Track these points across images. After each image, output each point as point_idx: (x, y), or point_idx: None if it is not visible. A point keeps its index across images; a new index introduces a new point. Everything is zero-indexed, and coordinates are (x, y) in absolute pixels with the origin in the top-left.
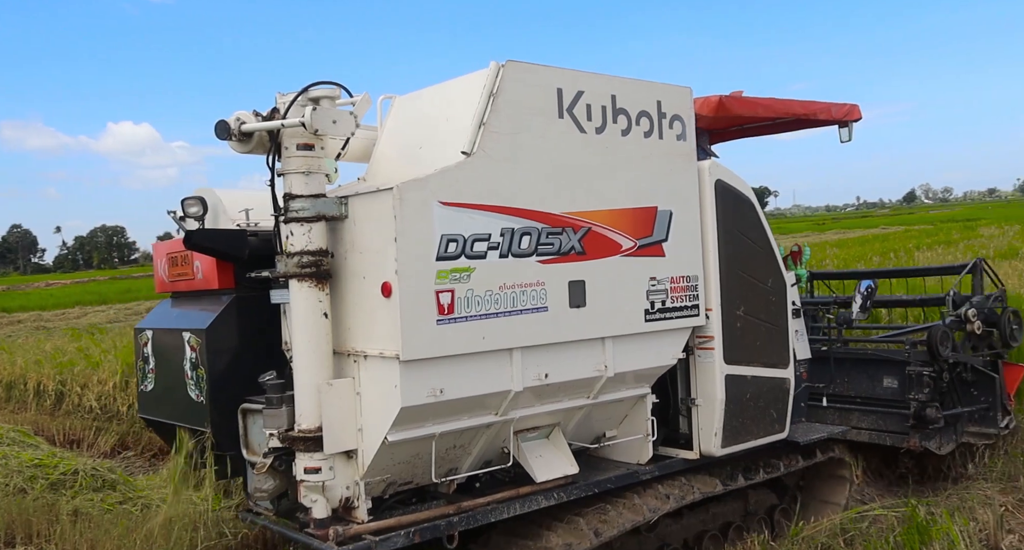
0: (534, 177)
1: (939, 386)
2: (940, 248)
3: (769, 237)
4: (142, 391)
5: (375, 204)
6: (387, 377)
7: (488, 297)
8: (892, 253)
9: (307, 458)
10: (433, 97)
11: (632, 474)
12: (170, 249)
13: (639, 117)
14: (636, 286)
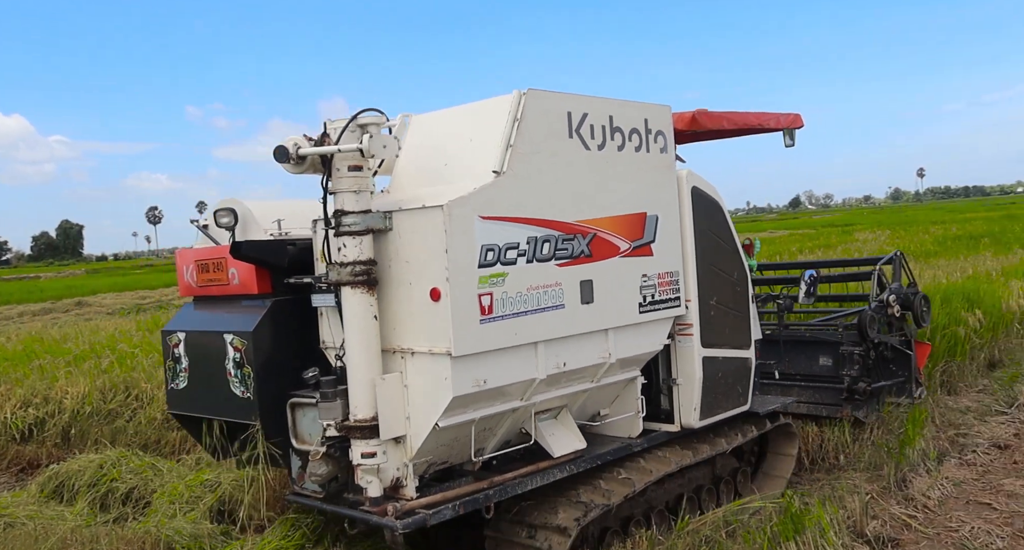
0: (551, 191)
1: (866, 363)
2: (820, 251)
3: (734, 235)
4: (172, 389)
5: (423, 219)
6: (437, 370)
7: (519, 298)
8: (778, 255)
9: (363, 444)
10: (455, 118)
11: (627, 447)
12: (198, 256)
13: (631, 134)
14: (632, 282)
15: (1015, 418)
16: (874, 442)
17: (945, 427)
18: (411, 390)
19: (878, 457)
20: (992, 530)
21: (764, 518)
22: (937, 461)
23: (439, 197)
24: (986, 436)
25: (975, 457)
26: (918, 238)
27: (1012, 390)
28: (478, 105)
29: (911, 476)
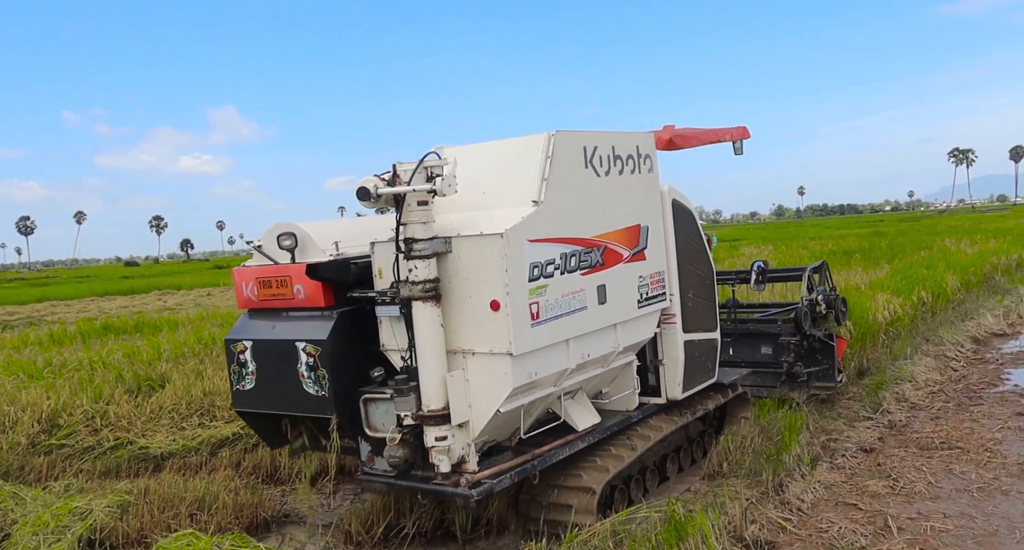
0: (574, 213)
1: (800, 352)
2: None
3: (703, 237)
4: (239, 390)
5: (483, 243)
6: (498, 367)
7: (556, 304)
8: None
9: (436, 430)
10: (485, 152)
11: (628, 418)
12: (260, 274)
13: (627, 159)
14: (632, 283)
15: (879, 423)
16: (755, 449)
17: (818, 433)
18: (472, 384)
19: (758, 464)
20: (857, 529)
21: (650, 527)
22: (811, 466)
23: (493, 225)
24: (854, 441)
25: (844, 461)
26: (798, 253)
27: (877, 397)
28: (508, 142)
29: (787, 481)
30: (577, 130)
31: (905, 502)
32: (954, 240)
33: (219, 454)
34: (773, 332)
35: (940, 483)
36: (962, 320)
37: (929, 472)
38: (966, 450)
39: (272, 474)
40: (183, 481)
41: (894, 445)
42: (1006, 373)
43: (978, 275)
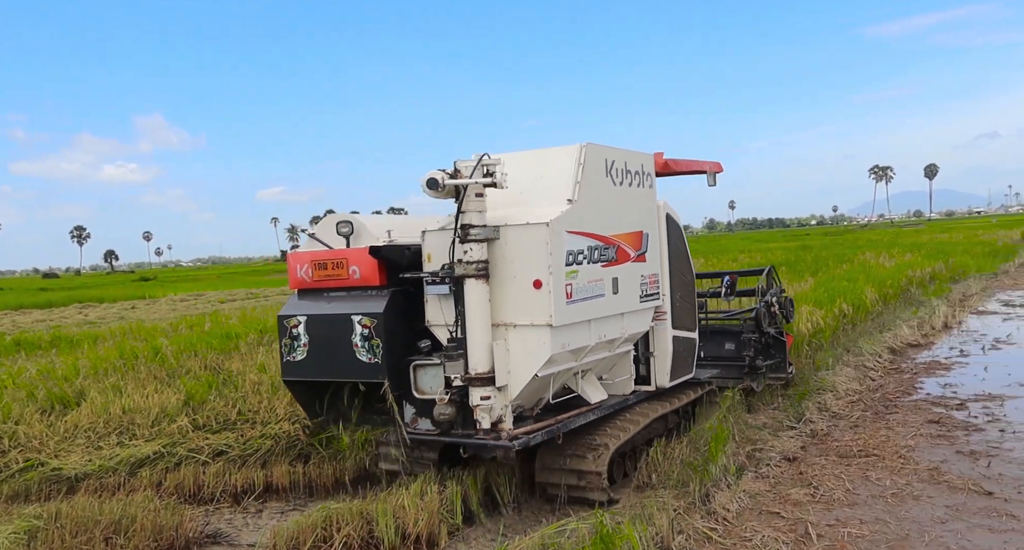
0: (597, 213)
1: (759, 347)
2: None
3: (687, 247)
4: (289, 361)
5: (530, 231)
6: (538, 337)
7: (584, 288)
8: None
9: (481, 390)
10: (522, 159)
11: (626, 400)
12: (315, 257)
13: (635, 174)
14: (636, 280)
15: (802, 432)
16: (683, 460)
17: (744, 443)
18: (512, 352)
19: (685, 474)
20: (779, 537)
21: (579, 540)
22: (736, 475)
23: (538, 216)
24: (778, 450)
25: (768, 470)
26: (728, 266)
27: (800, 407)
28: (544, 151)
29: (714, 491)
30: (601, 144)
31: (824, 509)
32: (874, 254)
33: (139, 474)
34: (736, 330)
35: (857, 490)
36: (880, 331)
37: (847, 479)
38: (882, 457)
39: (195, 493)
40: (98, 503)
41: (815, 454)
42: (919, 382)
43: (895, 288)
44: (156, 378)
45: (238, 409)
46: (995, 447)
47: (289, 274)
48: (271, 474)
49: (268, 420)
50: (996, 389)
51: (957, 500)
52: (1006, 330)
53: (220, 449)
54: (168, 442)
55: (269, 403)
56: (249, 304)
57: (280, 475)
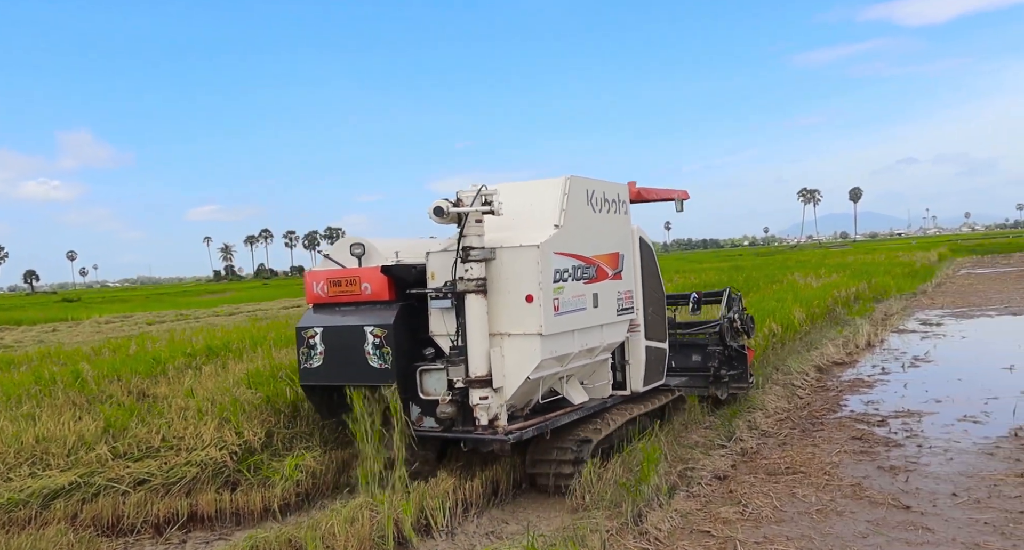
0: (579, 237)
1: (722, 359)
2: None
3: (658, 266)
4: (306, 368)
5: (523, 252)
6: (529, 345)
7: (568, 302)
8: None
9: (480, 391)
10: (520, 189)
11: (604, 402)
12: (330, 275)
13: (611, 202)
14: (613, 296)
15: (733, 451)
16: (616, 481)
17: (676, 462)
18: (507, 358)
19: (618, 495)
20: None
21: None
22: (668, 495)
23: (529, 239)
24: (709, 469)
25: (700, 489)
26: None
27: (731, 425)
28: (533, 183)
29: (646, 511)
30: (583, 176)
31: (753, 527)
32: (802, 274)
33: (52, 506)
34: (702, 343)
35: (784, 507)
36: (808, 350)
37: (775, 497)
38: (808, 474)
39: (114, 525)
40: (6, 538)
41: (745, 472)
42: (844, 400)
43: (822, 308)
44: (75, 405)
45: (162, 436)
46: (913, 462)
47: (306, 290)
48: (196, 503)
49: (194, 446)
50: (914, 405)
51: (877, 515)
52: (924, 348)
53: (142, 478)
54: (85, 472)
55: (196, 429)
56: (179, 326)
57: (206, 503)
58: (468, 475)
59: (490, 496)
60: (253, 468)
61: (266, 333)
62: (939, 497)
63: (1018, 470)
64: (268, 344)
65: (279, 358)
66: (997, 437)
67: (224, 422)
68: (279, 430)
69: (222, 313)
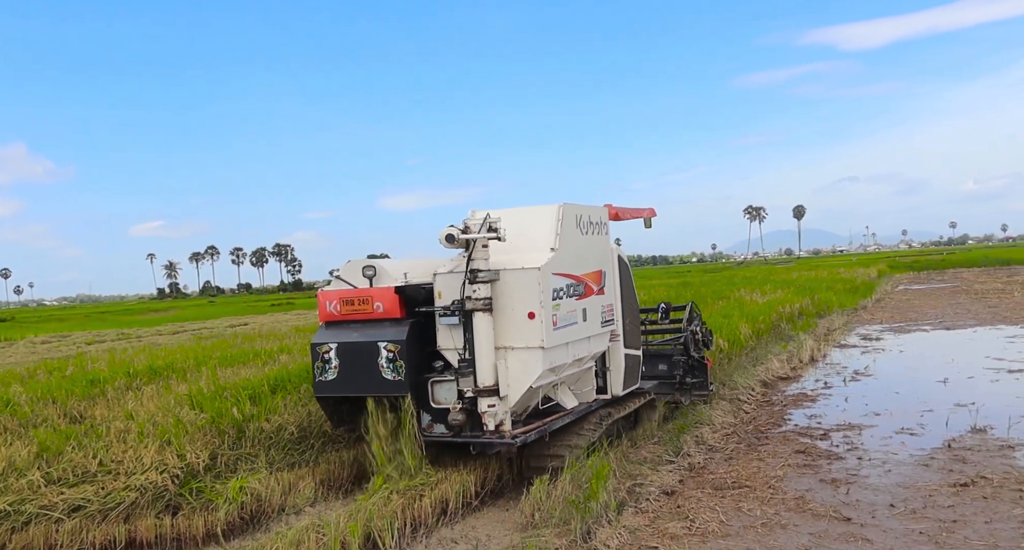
0: (571, 257)
1: (686, 368)
2: None
3: (632, 280)
4: (321, 381)
5: (525, 274)
6: (532, 357)
7: (564, 317)
8: None
9: (487, 399)
10: (518, 215)
11: (590, 405)
12: (343, 295)
13: (595, 225)
14: (598, 309)
15: (680, 466)
16: (565, 498)
17: (625, 479)
18: (511, 369)
19: (567, 512)
20: None
21: None
22: (617, 511)
23: (531, 262)
24: (657, 484)
25: (648, 504)
26: None
27: (679, 441)
28: (529, 209)
29: (595, 527)
30: (573, 203)
31: (700, 542)
32: (748, 290)
33: None
34: (668, 354)
35: (730, 521)
36: (753, 365)
37: (721, 511)
38: (753, 488)
39: None
40: None
41: (693, 487)
42: (788, 414)
43: (767, 323)
44: (6, 429)
45: (99, 460)
46: (854, 474)
47: (319, 309)
48: (135, 529)
49: (133, 470)
50: (855, 419)
51: (819, 527)
52: (864, 362)
53: (77, 504)
54: (15, 499)
55: (135, 452)
56: (120, 345)
57: (145, 529)
58: (416, 495)
59: (439, 515)
60: (195, 491)
61: (211, 352)
62: (878, 508)
63: (951, 480)
64: (213, 364)
65: (225, 378)
66: (932, 449)
67: (166, 444)
68: (224, 452)
69: (166, 332)
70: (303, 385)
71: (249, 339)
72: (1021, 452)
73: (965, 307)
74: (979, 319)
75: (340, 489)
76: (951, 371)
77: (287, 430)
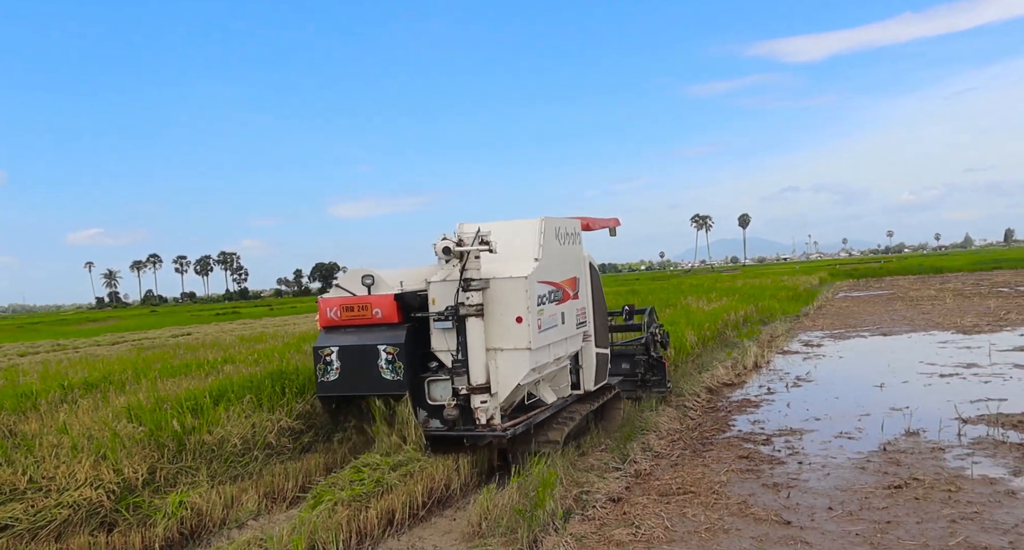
0: (551, 266)
1: (647, 367)
2: None
3: (601, 284)
4: (323, 381)
5: (513, 282)
6: (519, 357)
7: (547, 320)
8: None
9: (480, 396)
10: (503, 227)
11: (567, 400)
12: (342, 302)
13: (571, 235)
14: (573, 313)
15: (627, 473)
16: (512, 507)
17: (572, 486)
18: (500, 369)
19: (514, 520)
20: None
21: None
22: (564, 519)
23: (517, 271)
24: (604, 492)
25: (594, 512)
26: None
27: (626, 448)
28: (513, 222)
29: (542, 536)
30: (553, 217)
31: (645, 548)
32: (695, 298)
33: None
34: (630, 353)
35: (675, 527)
36: (699, 372)
37: (667, 517)
38: (697, 494)
39: None
40: None
41: (639, 493)
42: (732, 419)
43: (712, 331)
44: None
45: (29, 476)
46: (794, 479)
47: (320, 315)
48: (67, 547)
49: (66, 486)
50: (796, 424)
51: (761, 531)
52: (806, 368)
53: (3, 523)
54: None
55: (68, 467)
56: (54, 357)
57: (79, 547)
58: (362, 506)
59: (385, 527)
60: (133, 507)
61: (152, 363)
62: (817, 511)
63: (886, 483)
64: (154, 375)
65: (165, 389)
66: (868, 452)
67: (101, 459)
68: (163, 465)
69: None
70: (246, 396)
71: (192, 349)
72: (951, 454)
73: (901, 314)
74: (914, 325)
75: (284, 502)
76: (887, 376)
77: (230, 442)
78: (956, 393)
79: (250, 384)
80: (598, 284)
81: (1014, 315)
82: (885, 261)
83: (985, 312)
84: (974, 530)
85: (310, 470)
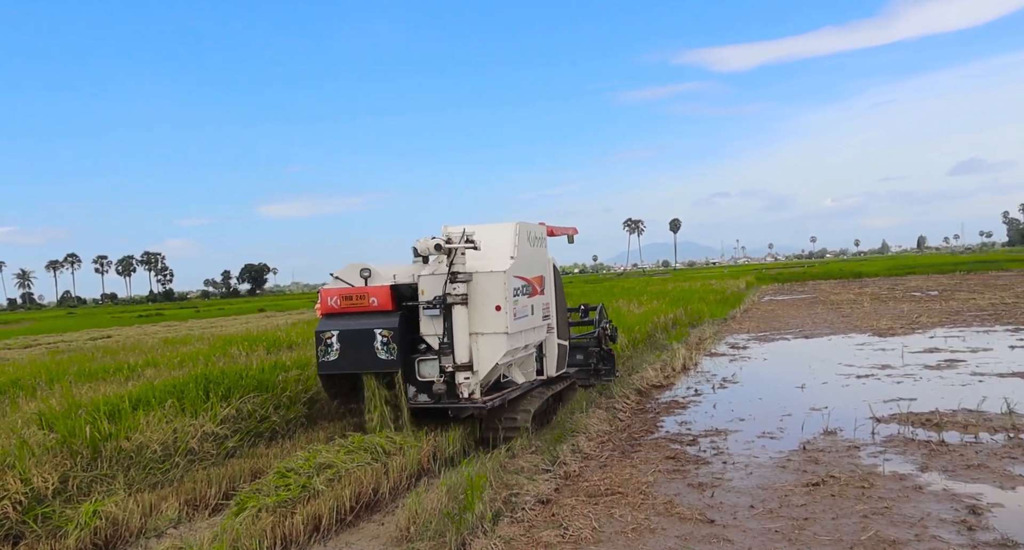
0: (524, 265)
1: (598, 357)
2: None
3: (562, 285)
4: (324, 361)
5: (492, 276)
6: (498, 340)
7: (520, 310)
8: None
9: (463, 373)
10: (484, 229)
11: (533, 383)
12: (342, 292)
13: (538, 238)
14: (540, 306)
15: (557, 475)
16: (440, 510)
17: (501, 489)
18: (481, 350)
19: (442, 524)
20: None
21: None
22: (493, 521)
23: (497, 266)
24: (533, 493)
25: (524, 514)
26: None
27: (556, 450)
28: (493, 225)
29: (471, 539)
30: (525, 221)
31: (573, 549)
32: (626, 301)
33: None
34: (584, 345)
35: (603, 527)
36: (629, 374)
37: (594, 518)
38: (625, 494)
39: None
40: None
41: (568, 495)
42: (660, 421)
43: (643, 333)
44: None
45: None
46: (719, 478)
47: (321, 303)
48: None
49: None
50: (722, 424)
51: (686, 530)
52: (732, 370)
53: None
54: None
55: None
56: None
57: None
58: (288, 512)
59: (312, 533)
60: (42, 518)
61: (68, 367)
62: (739, 510)
63: (804, 481)
64: (69, 379)
65: (81, 394)
66: (789, 451)
67: (7, 468)
68: (76, 473)
69: (16, 346)
70: (168, 400)
71: (112, 352)
72: (865, 451)
73: (822, 317)
74: (834, 328)
75: (207, 509)
76: (808, 377)
77: (149, 448)
78: (871, 393)
79: (173, 388)
80: (560, 284)
81: (925, 318)
82: (808, 266)
83: (899, 315)
84: (884, 524)
85: (235, 476)
